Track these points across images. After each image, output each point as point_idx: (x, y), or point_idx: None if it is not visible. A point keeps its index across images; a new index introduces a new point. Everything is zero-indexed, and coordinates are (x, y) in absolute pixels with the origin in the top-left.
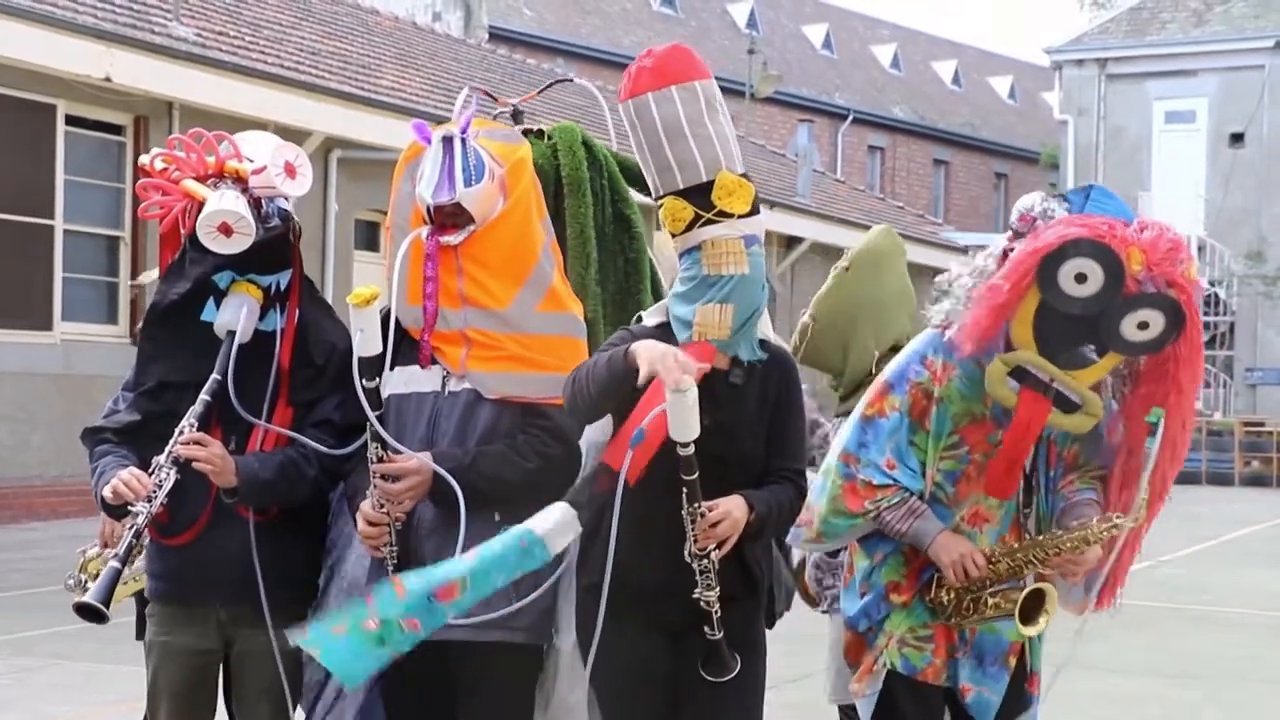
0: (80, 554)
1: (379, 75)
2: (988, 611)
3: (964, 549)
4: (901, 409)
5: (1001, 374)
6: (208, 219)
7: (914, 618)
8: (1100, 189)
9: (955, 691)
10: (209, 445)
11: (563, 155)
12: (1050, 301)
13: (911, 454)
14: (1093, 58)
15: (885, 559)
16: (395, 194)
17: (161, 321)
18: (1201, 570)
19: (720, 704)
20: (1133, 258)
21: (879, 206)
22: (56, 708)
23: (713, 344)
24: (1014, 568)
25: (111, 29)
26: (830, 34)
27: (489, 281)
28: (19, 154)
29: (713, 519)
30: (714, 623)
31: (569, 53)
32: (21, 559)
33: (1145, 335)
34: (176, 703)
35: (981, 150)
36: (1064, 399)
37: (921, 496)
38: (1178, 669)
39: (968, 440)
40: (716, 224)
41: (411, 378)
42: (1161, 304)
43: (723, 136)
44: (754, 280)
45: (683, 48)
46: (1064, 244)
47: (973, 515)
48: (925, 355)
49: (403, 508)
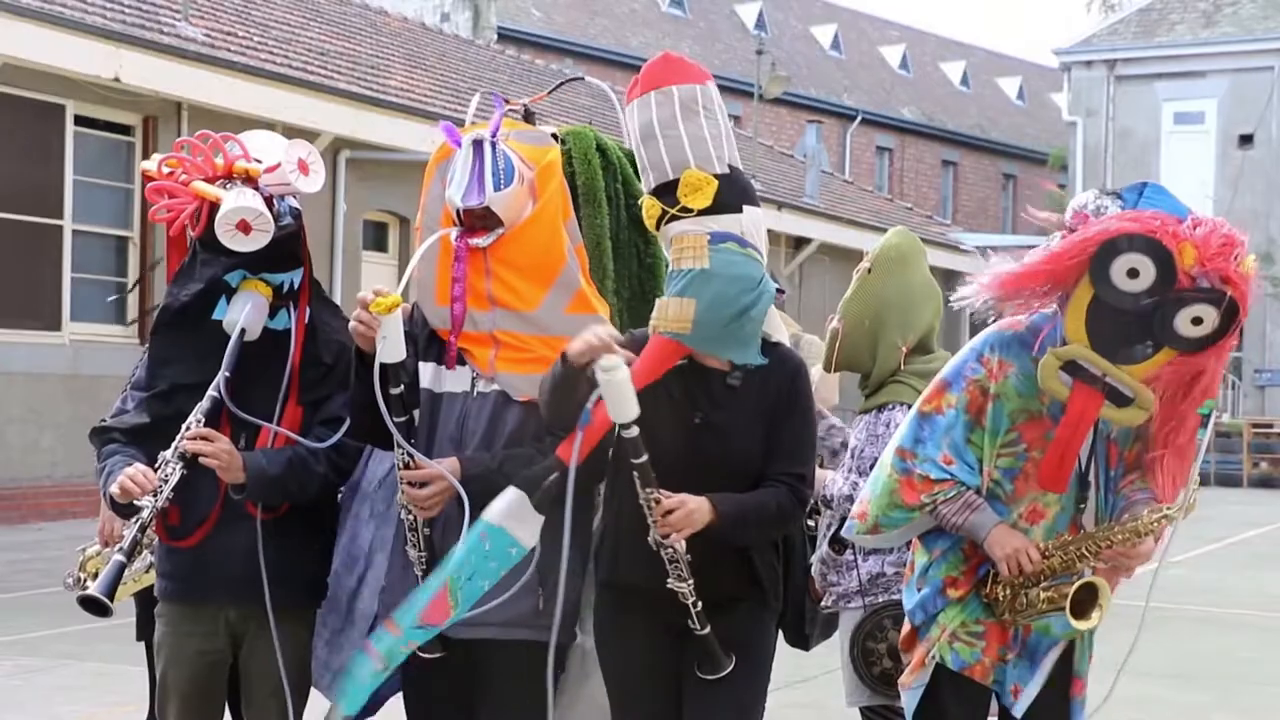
0: (79, 552)
1: (387, 76)
2: (1041, 606)
3: (1018, 543)
4: (958, 406)
5: (1054, 368)
6: (227, 217)
7: (968, 613)
8: (1154, 186)
9: (1003, 694)
10: (216, 440)
11: (578, 163)
12: (1103, 296)
13: (968, 450)
14: (1101, 59)
15: (944, 554)
16: (426, 195)
17: (173, 323)
18: (1209, 572)
19: (710, 702)
20: (1185, 253)
21: (887, 207)
22: (65, 708)
23: (672, 338)
24: (1067, 561)
25: (120, 29)
26: (839, 35)
27: (518, 284)
28: (28, 154)
29: (665, 507)
30: (694, 617)
31: (577, 53)
32: (30, 559)
33: (1199, 331)
34: (185, 702)
35: (990, 151)
36: (1116, 393)
37: (979, 492)
38: (1185, 671)
39: (1025, 438)
40: (681, 220)
41: (441, 377)
42: (1215, 299)
43: (697, 138)
44: (717, 275)
45: (671, 56)
46: (1117, 237)
47: (1031, 512)
48: (982, 353)
49: (431, 513)
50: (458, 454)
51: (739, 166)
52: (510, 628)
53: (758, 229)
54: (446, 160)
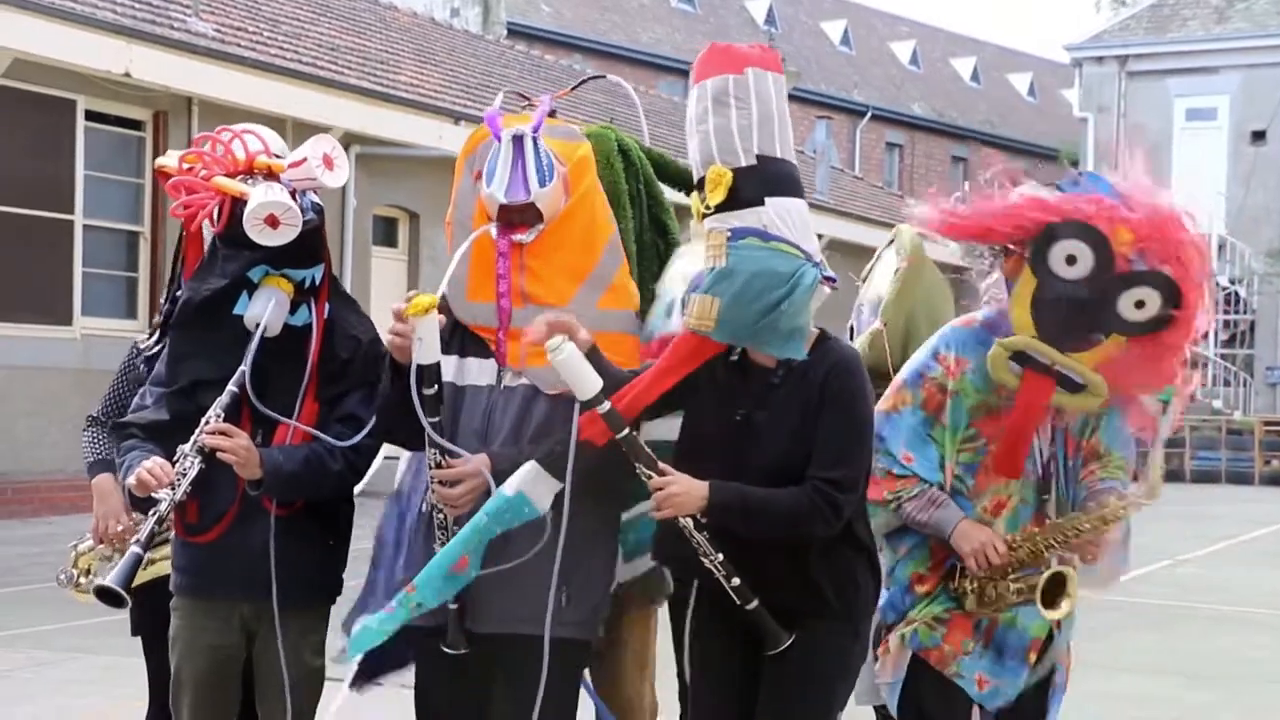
0: (72, 548)
1: (397, 71)
2: (1011, 598)
3: (984, 536)
4: (915, 403)
5: (1003, 358)
6: (255, 212)
7: (937, 605)
8: (1092, 174)
9: (967, 685)
10: (234, 436)
11: (600, 167)
12: (1044, 285)
13: (930, 447)
14: (1113, 55)
15: (909, 552)
16: (456, 189)
17: (194, 319)
18: (1220, 570)
19: (775, 705)
20: (1120, 236)
21: (897, 204)
22: (76, 701)
23: (700, 332)
24: (1035, 552)
25: (131, 24)
26: (849, 30)
27: (552, 279)
28: (39, 149)
29: (653, 485)
30: (732, 592)
31: (587, 49)
32: (41, 552)
33: (1143, 314)
34: (199, 696)
35: (1000, 147)
36: (1067, 380)
37: (942, 489)
38: (1194, 669)
39: (985, 432)
40: (710, 216)
41: (464, 370)
42: (1155, 281)
43: (723, 131)
44: (737, 273)
45: (717, 47)
46: (1054, 225)
47: (995, 505)
48: (938, 351)
49: (461, 511)
50: (483, 448)
51: (777, 153)
52: (533, 624)
53: (791, 220)
54: (473, 154)
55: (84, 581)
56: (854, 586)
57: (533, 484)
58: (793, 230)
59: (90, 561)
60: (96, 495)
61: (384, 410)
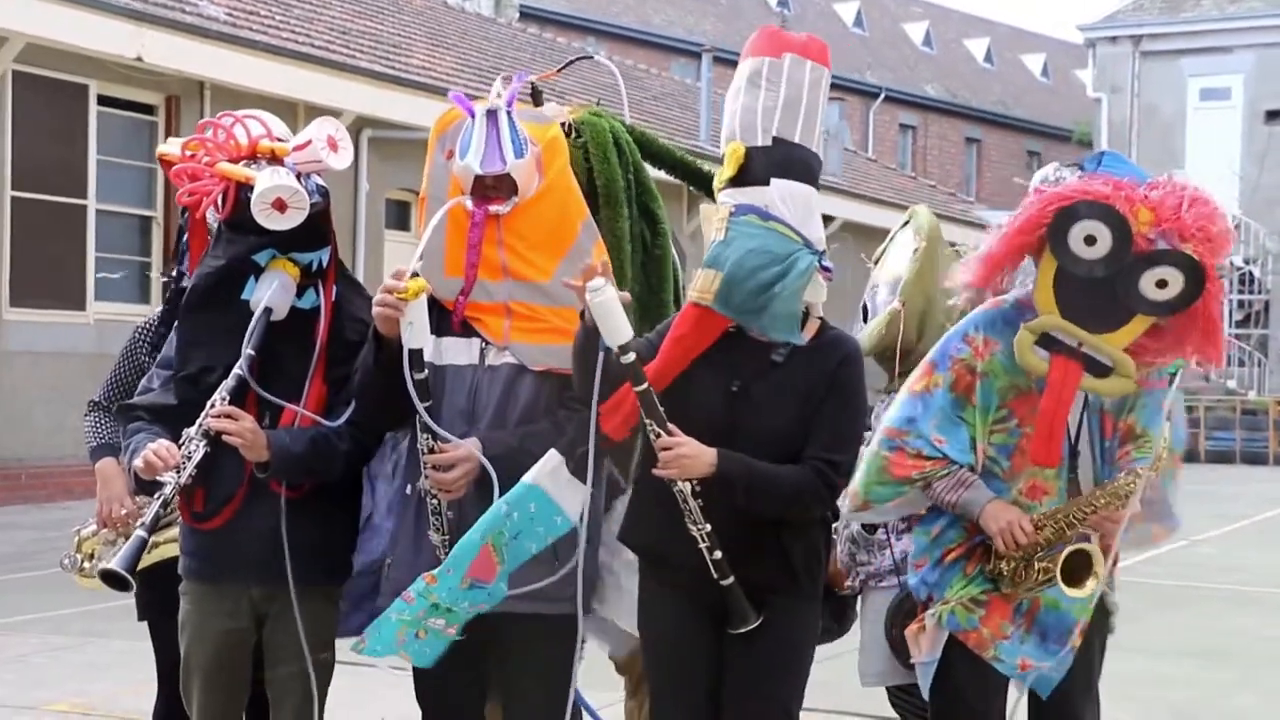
0: (75, 533)
1: (409, 54)
2: (1037, 578)
3: (1011, 516)
4: (945, 385)
5: (1029, 342)
6: (263, 195)
7: (974, 586)
8: (1112, 154)
9: (1008, 669)
10: (240, 419)
11: (596, 162)
12: (1065, 266)
13: (961, 429)
14: (1127, 34)
15: (943, 532)
16: (430, 166)
17: (202, 304)
18: (1235, 550)
19: (744, 697)
20: (1140, 216)
21: (910, 185)
22: (92, 685)
23: (703, 305)
24: (1058, 530)
25: (143, 9)
26: (862, 12)
27: (531, 255)
28: (52, 134)
29: (660, 444)
30: (712, 565)
31: (600, 31)
32: (57, 538)
33: (1166, 294)
34: (209, 680)
35: (1014, 128)
36: (1095, 363)
37: (973, 470)
38: (1209, 650)
39: (1017, 414)
40: (723, 191)
41: (447, 349)
42: (1177, 260)
43: (748, 109)
44: (733, 247)
45: (767, 30)
46: (1072, 205)
47: (1030, 488)
48: (967, 332)
49: (455, 495)
50: (470, 428)
51: (796, 139)
52: (528, 600)
53: (796, 204)
54: (446, 132)
55: (88, 566)
56: (818, 562)
57: (560, 489)
58: (793, 214)
59: (94, 546)
60: (100, 479)
61: (364, 394)
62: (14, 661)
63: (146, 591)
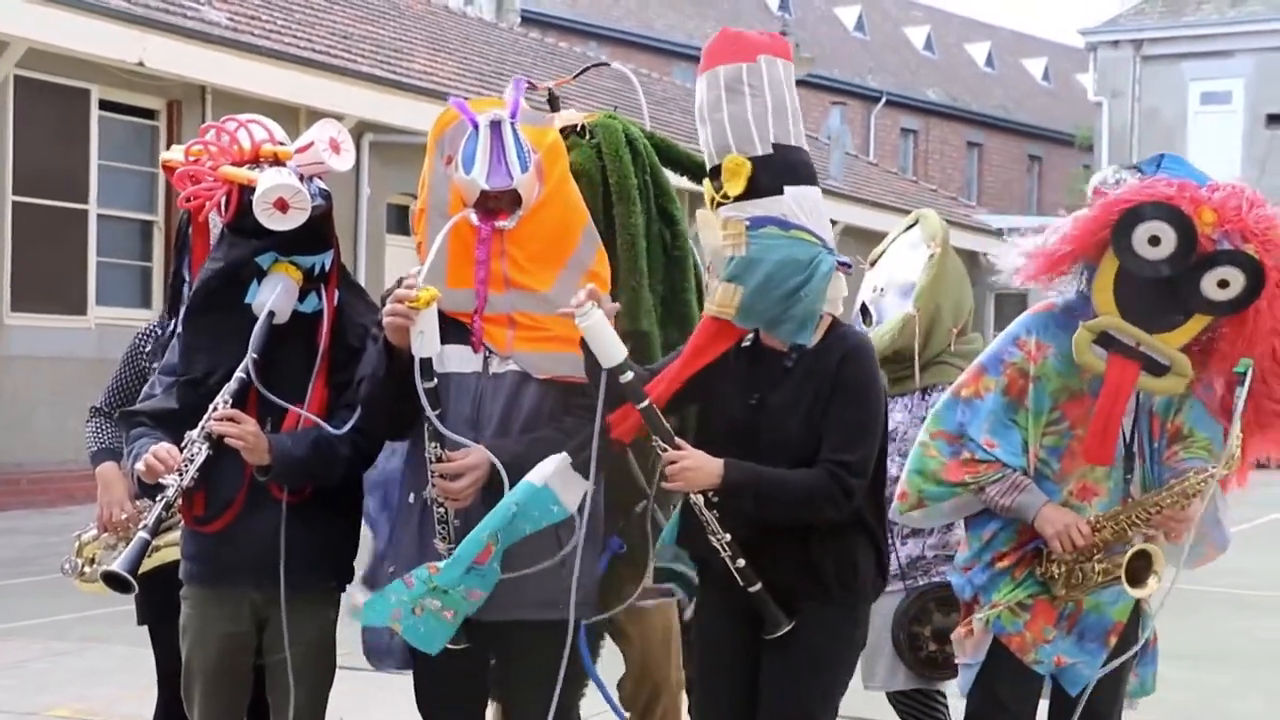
0: (75, 538)
1: (411, 59)
2: (1097, 579)
3: (1068, 519)
4: (997, 389)
5: (1087, 341)
6: (265, 195)
7: (1022, 590)
8: (1172, 157)
9: (1044, 669)
10: (242, 422)
11: (608, 160)
12: (1128, 266)
13: (1013, 432)
14: (1128, 39)
15: (995, 535)
16: (430, 173)
17: (205, 308)
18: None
19: (772, 701)
20: (1204, 217)
21: (912, 189)
22: (92, 690)
23: (722, 318)
24: (1118, 531)
25: (144, 14)
26: (863, 16)
27: (532, 265)
28: (53, 139)
29: (666, 459)
30: (736, 573)
31: (602, 36)
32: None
33: (1227, 294)
34: (209, 684)
35: (1015, 132)
36: (1152, 361)
37: (1025, 473)
38: (1210, 653)
39: (1069, 416)
40: (725, 205)
41: (450, 357)
42: (1239, 260)
43: (739, 120)
44: (758, 261)
45: (728, 33)
46: (1137, 206)
47: (1081, 489)
48: (1019, 336)
49: (463, 504)
50: (476, 435)
51: (791, 142)
52: (533, 609)
53: (808, 207)
54: (444, 135)
55: (88, 571)
56: (853, 570)
57: (562, 482)
58: (809, 218)
59: (95, 550)
60: (100, 484)
61: (372, 403)
62: (15, 667)
63: (146, 596)
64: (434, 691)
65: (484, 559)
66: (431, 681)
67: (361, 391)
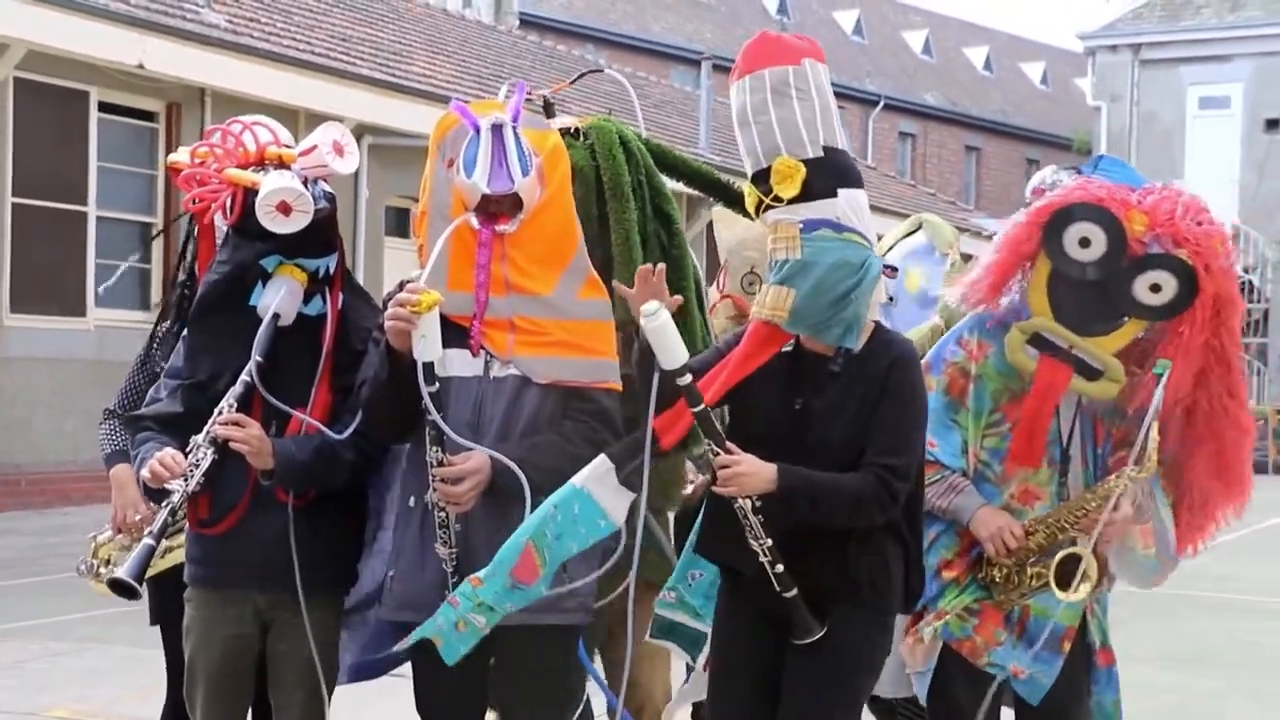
0: (91, 539)
1: (410, 61)
2: (1031, 583)
3: (1001, 522)
4: (938, 388)
5: (1019, 341)
6: (268, 198)
7: (968, 594)
8: (1110, 158)
9: (1005, 679)
10: (247, 426)
11: (602, 159)
12: (1059, 268)
13: (953, 433)
14: (1126, 43)
15: (937, 538)
16: (431, 176)
17: (211, 311)
18: (1228, 558)
19: (795, 688)
20: (1134, 220)
21: (910, 193)
22: (92, 690)
23: (771, 322)
24: (1050, 535)
25: (144, 16)
26: (861, 20)
27: (533, 269)
28: (52, 140)
29: (719, 463)
30: (774, 578)
31: (599, 39)
32: (58, 543)
33: (1160, 298)
34: (213, 686)
35: (1013, 136)
36: (1085, 365)
37: (965, 474)
38: (1198, 656)
39: (1009, 417)
40: (776, 208)
41: (451, 361)
42: (1170, 264)
43: (788, 122)
44: (813, 265)
45: (769, 36)
46: (1068, 207)
47: (1023, 493)
48: (961, 335)
49: (464, 508)
50: (475, 440)
51: (838, 145)
52: (537, 613)
53: (858, 210)
54: (446, 137)
55: (104, 571)
56: (886, 576)
57: (607, 492)
58: (860, 220)
59: (110, 551)
60: (114, 485)
61: (374, 406)
62: (14, 667)
63: (159, 596)
64: (435, 696)
65: (531, 579)
66: (432, 686)
67: (363, 395)
